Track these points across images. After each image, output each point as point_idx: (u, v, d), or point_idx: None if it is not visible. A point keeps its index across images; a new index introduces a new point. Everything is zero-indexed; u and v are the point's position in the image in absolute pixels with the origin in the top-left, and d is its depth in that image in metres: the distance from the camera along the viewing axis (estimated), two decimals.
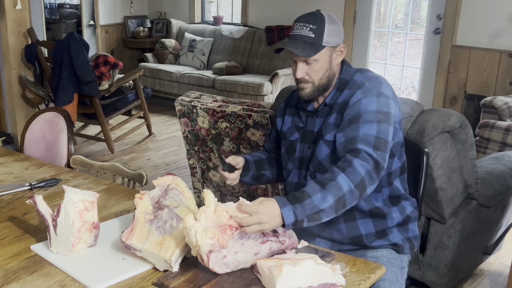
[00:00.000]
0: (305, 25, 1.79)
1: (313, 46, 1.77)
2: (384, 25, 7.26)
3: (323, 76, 1.81)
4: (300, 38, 1.78)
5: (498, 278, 2.98)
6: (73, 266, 1.53)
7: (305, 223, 1.55)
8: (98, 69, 4.88)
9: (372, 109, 1.73)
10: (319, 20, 1.79)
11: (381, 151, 1.68)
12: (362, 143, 1.68)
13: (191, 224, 1.42)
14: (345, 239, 1.88)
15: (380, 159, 1.67)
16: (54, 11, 8.59)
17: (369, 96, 1.75)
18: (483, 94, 5.02)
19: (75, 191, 1.61)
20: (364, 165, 1.64)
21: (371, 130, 1.70)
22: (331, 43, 1.79)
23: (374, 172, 1.65)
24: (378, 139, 1.69)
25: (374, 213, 1.85)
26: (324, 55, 1.79)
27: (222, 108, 2.96)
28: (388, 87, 1.81)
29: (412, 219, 1.93)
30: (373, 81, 1.80)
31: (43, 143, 2.76)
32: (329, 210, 1.57)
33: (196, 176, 3.35)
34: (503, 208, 2.82)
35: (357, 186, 1.61)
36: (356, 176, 1.61)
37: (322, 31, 1.77)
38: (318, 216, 1.56)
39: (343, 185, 1.59)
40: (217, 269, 1.47)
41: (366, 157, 1.65)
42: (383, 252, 1.87)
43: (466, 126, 2.45)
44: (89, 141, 5.32)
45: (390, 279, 1.77)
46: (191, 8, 7.18)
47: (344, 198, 1.59)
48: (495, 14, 4.93)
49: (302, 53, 1.76)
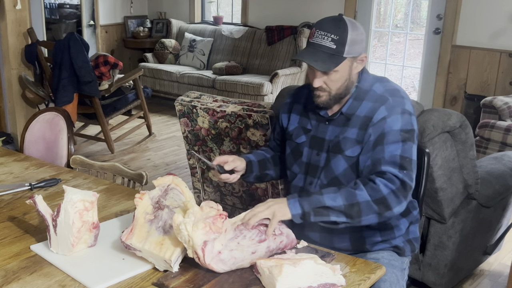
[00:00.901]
0: (326, 35, 1.69)
1: (334, 58, 1.69)
2: (384, 25, 7.26)
3: (342, 86, 1.75)
4: (320, 49, 1.69)
5: (498, 278, 2.98)
6: (73, 266, 1.53)
7: (312, 217, 1.56)
8: (98, 69, 4.88)
9: (396, 128, 1.70)
10: (341, 29, 1.69)
11: (407, 170, 1.66)
12: (387, 164, 1.67)
13: (181, 220, 1.43)
14: (347, 246, 1.87)
15: (407, 179, 1.65)
16: (54, 11, 8.59)
17: (394, 114, 1.71)
18: (483, 94, 5.02)
19: (75, 191, 1.61)
20: (388, 185, 1.63)
21: (396, 150, 1.68)
22: (353, 53, 1.71)
23: (400, 192, 1.63)
24: (403, 159, 1.67)
25: (383, 226, 1.84)
26: (344, 66, 1.72)
27: (222, 108, 2.96)
28: (410, 101, 1.77)
29: (414, 222, 1.92)
30: (396, 96, 1.75)
31: (43, 143, 2.76)
32: (338, 211, 1.57)
33: (196, 176, 3.35)
34: (503, 208, 2.82)
35: (376, 202, 1.60)
36: (376, 193, 1.61)
37: (345, 41, 1.68)
38: (325, 212, 1.56)
39: (359, 195, 1.60)
40: (214, 266, 1.47)
41: (391, 178, 1.64)
42: (384, 254, 1.86)
43: (466, 126, 2.45)
44: (89, 141, 5.32)
45: (390, 280, 1.77)
46: (191, 8, 7.18)
47: (359, 207, 1.59)
48: (495, 14, 4.93)
49: (322, 66, 1.68)
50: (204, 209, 1.51)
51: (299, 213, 1.56)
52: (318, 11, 6.01)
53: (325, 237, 1.86)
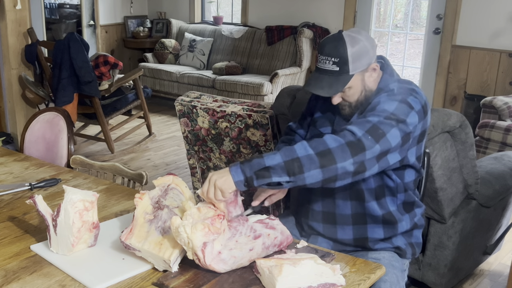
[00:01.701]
0: (327, 59, 1.70)
1: (340, 80, 1.69)
2: (384, 25, 7.27)
3: (359, 97, 1.76)
4: (325, 74, 1.71)
5: (498, 278, 2.98)
6: (73, 266, 1.53)
7: (255, 181, 1.51)
8: (98, 69, 4.88)
9: (387, 109, 1.64)
10: (340, 49, 1.68)
11: (371, 137, 1.56)
12: (354, 125, 1.60)
13: (179, 223, 1.44)
14: (349, 240, 1.87)
15: (365, 141, 1.55)
16: (54, 11, 8.59)
17: (391, 100, 1.67)
18: (483, 94, 5.02)
19: (75, 191, 1.61)
20: (337, 139, 1.54)
21: (373, 119, 1.61)
22: (360, 67, 1.71)
23: (349, 147, 1.53)
24: (375, 128, 1.58)
25: (387, 219, 1.83)
26: (355, 81, 1.71)
27: (222, 108, 2.96)
28: (418, 100, 1.70)
29: (418, 227, 1.92)
30: (404, 89, 1.73)
31: (43, 143, 2.76)
32: (279, 169, 1.50)
33: (196, 176, 3.35)
34: (503, 208, 2.82)
35: (319, 155, 1.51)
36: (320, 145, 1.53)
37: (346, 60, 1.68)
38: (266, 173, 1.51)
39: (297, 149, 1.53)
40: (215, 266, 1.47)
41: (345, 134, 1.56)
42: (385, 254, 1.86)
43: (466, 126, 2.45)
44: (89, 141, 5.32)
45: (391, 281, 1.77)
46: (191, 8, 7.18)
47: (299, 161, 1.50)
48: (495, 14, 4.93)
49: (328, 92, 1.70)
50: (201, 210, 1.52)
51: (241, 180, 1.51)
52: (318, 11, 6.01)
53: (329, 228, 1.86)
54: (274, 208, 2.93)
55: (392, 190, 1.81)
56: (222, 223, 1.52)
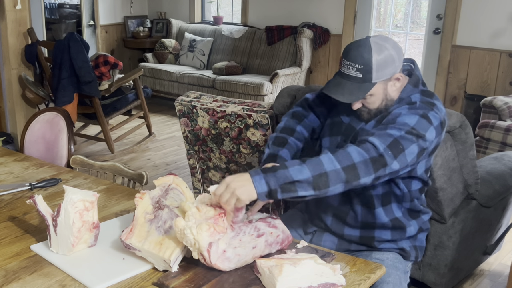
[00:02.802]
0: (351, 65, 1.66)
1: (362, 87, 1.66)
2: (384, 25, 7.27)
3: (380, 105, 1.74)
4: (347, 79, 1.68)
5: (498, 278, 2.98)
6: (73, 266, 1.53)
7: (279, 194, 1.49)
8: (98, 69, 4.88)
9: (408, 122, 1.62)
10: (365, 56, 1.65)
11: (391, 153, 1.56)
12: (375, 137, 1.58)
13: (184, 224, 1.44)
14: (356, 237, 1.86)
15: (387, 157, 1.55)
16: (54, 11, 8.59)
17: (413, 114, 1.65)
18: (483, 94, 5.02)
19: (75, 191, 1.61)
20: (361, 152, 1.54)
21: (394, 133, 1.59)
22: (383, 77, 1.67)
23: (372, 163, 1.53)
24: (396, 142, 1.57)
25: (395, 224, 1.83)
26: (377, 89, 1.69)
27: (222, 108, 2.96)
28: (438, 116, 1.68)
29: (423, 230, 1.93)
30: (425, 104, 1.70)
31: (43, 143, 2.76)
32: (306, 184, 1.49)
33: (196, 176, 3.35)
34: (503, 208, 2.82)
35: (345, 169, 1.51)
36: (345, 159, 1.52)
37: (370, 68, 1.65)
38: (293, 187, 1.48)
39: (325, 163, 1.51)
40: (220, 265, 1.47)
41: (369, 148, 1.55)
42: (389, 255, 1.86)
43: (466, 126, 2.45)
44: (89, 141, 5.32)
45: (394, 282, 1.77)
46: (191, 8, 7.18)
47: (326, 176, 1.49)
48: (495, 14, 4.93)
49: (348, 98, 1.67)
50: (201, 209, 1.51)
51: (265, 191, 1.47)
52: (318, 11, 6.01)
53: (337, 223, 1.85)
54: (274, 208, 2.93)
55: (398, 198, 1.82)
56: (224, 222, 1.52)
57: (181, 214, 1.56)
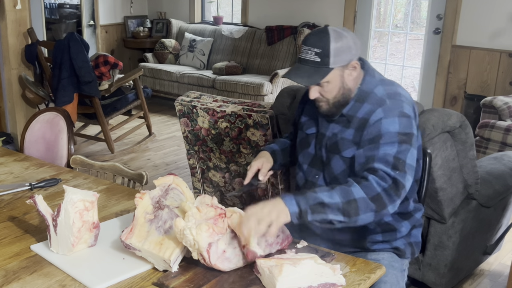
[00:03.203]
0: (310, 49, 1.72)
1: (320, 71, 1.71)
2: (384, 25, 7.27)
3: (337, 94, 1.76)
4: (306, 64, 1.73)
5: (498, 278, 2.98)
6: (73, 266, 1.53)
7: (310, 215, 1.53)
8: (98, 69, 4.88)
9: (393, 130, 1.68)
10: (324, 41, 1.70)
11: (400, 171, 1.63)
12: (380, 162, 1.65)
13: (183, 225, 1.44)
14: (347, 240, 1.87)
15: (400, 178, 1.63)
16: (54, 11, 8.59)
17: (391, 116, 1.70)
18: (483, 94, 5.02)
19: (75, 191, 1.61)
20: (380, 183, 1.61)
21: (391, 150, 1.66)
22: (340, 62, 1.72)
23: (392, 190, 1.61)
24: (396, 159, 1.65)
25: (385, 228, 1.85)
26: (334, 75, 1.73)
27: (222, 108, 2.96)
28: (410, 105, 1.75)
29: (417, 227, 1.92)
30: (395, 99, 1.74)
31: (43, 143, 2.76)
32: (335, 208, 1.54)
33: (196, 176, 3.35)
34: (503, 208, 2.82)
35: (373, 199, 1.58)
36: (371, 191, 1.59)
37: (328, 52, 1.70)
38: (322, 209, 1.53)
39: (355, 192, 1.57)
40: (220, 265, 1.47)
41: (383, 176, 1.62)
42: (384, 255, 1.86)
43: (466, 126, 2.45)
44: (89, 141, 5.32)
45: (391, 282, 1.77)
46: (191, 8, 7.18)
47: (356, 203, 1.56)
48: (495, 14, 4.93)
49: (308, 81, 1.71)
50: (201, 210, 1.52)
51: (296, 212, 1.53)
52: (318, 11, 6.01)
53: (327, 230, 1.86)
54: None
55: None
56: (224, 222, 1.52)
57: (181, 214, 1.56)
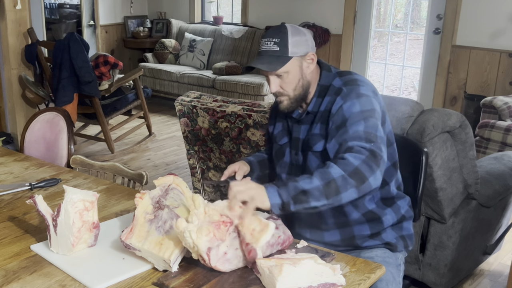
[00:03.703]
0: (269, 40, 1.78)
1: (280, 59, 1.76)
2: (384, 25, 7.27)
3: (297, 86, 1.80)
4: (266, 54, 1.78)
5: (498, 278, 2.98)
6: (73, 266, 1.53)
7: (292, 205, 1.53)
8: (98, 69, 4.88)
9: (355, 110, 1.72)
10: (282, 32, 1.78)
11: (374, 143, 1.65)
12: (353, 140, 1.66)
13: (184, 227, 1.44)
14: (337, 241, 1.88)
15: (376, 149, 1.63)
16: (54, 11, 8.59)
17: (349, 99, 1.74)
18: (483, 94, 5.02)
19: (75, 191, 1.61)
20: (357, 156, 1.61)
21: (359, 127, 1.69)
22: (298, 52, 1.78)
23: (371, 160, 1.60)
24: (367, 133, 1.67)
25: (369, 217, 1.85)
26: (293, 65, 1.77)
27: (222, 108, 2.96)
28: (367, 86, 1.79)
29: (407, 218, 1.92)
30: (350, 84, 1.79)
31: (43, 143, 2.76)
32: (318, 193, 1.54)
33: (196, 176, 3.35)
34: (503, 208, 2.82)
35: (351, 174, 1.57)
36: (348, 166, 1.58)
37: (286, 42, 1.76)
38: (305, 198, 1.53)
39: (332, 171, 1.57)
40: (220, 267, 1.47)
41: (359, 149, 1.63)
42: (377, 252, 1.86)
43: (466, 126, 2.46)
44: (89, 141, 5.32)
45: (387, 279, 1.77)
46: (191, 8, 7.18)
47: (335, 183, 1.55)
48: (495, 14, 4.93)
49: (269, 67, 1.75)
50: (207, 212, 1.50)
51: (278, 203, 1.53)
52: (318, 11, 6.01)
53: (316, 232, 1.88)
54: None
55: None
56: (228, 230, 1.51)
57: (185, 212, 1.56)
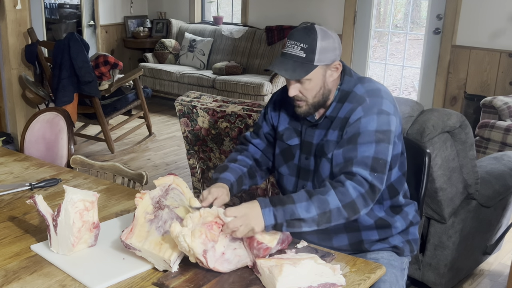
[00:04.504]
0: (296, 44, 1.70)
1: (304, 66, 1.69)
2: (384, 25, 7.27)
3: (317, 94, 1.75)
4: (290, 58, 1.71)
5: (498, 278, 2.98)
6: (73, 266, 1.53)
7: (284, 227, 1.56)
8: (98, 69, 4.88)
9: (371, 128, 1.68)
10: (311, 37, 1.69)
11: (378, 173, 1.65)
12: (358, 165, 1.65)
13: (178, 231, 1.44)
14: (346, 246, 1.87)
15: (376, 182, 1.64)
16: (54, 11, 8.59)
17: (370, 114, 1.70)
18: (483, 94, 5.02)
19: (75, 191, 1.61)
20: (357, 188, 1.62)
21: (369, 151, 1.66)
22: (324, 61, 1.71)
23: (368, 195, 1.63)
24: (375, 160, 1.66)
25: (380, 224, 1.84)
26: (317, 74, 1.71)
27: (222, 108, 2.96)
28: (390, 101, 1.75)
29: (414, 224, 1.92)
30: (374, 96, 1.74)
31: (43, 143, 2.76)
32: (311, 221, 1.57)
33: (196, 176, 3.35)
34: (503, 208, 2.82)
35: (346, 207, 1.60)
36: (346, 197, 1.60)
37: (314, 49, 1.69)
38: (298, 223, 1.56)
39: (331, 202, 1.58)
40: (219, 267, 1.47)
41: (360, 181, 1.63)
42: (383, 254, 1.86)
43: (466, 126, 2.46)
44: (89, 141, 5.32)
45: (390, 281, 1.77)
46: (191, 8, 7.18)
47: (330, 214, 1.58)
48: (495, 14, 4.93)
49: (291, 75, 1.69)
50: (202, 214, 1.51)
51: (272, 224, 1.55)
52: (318, 11, 6.01)
53: (324, 238, 1.86)
54: None
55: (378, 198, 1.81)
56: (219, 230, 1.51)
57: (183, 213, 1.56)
